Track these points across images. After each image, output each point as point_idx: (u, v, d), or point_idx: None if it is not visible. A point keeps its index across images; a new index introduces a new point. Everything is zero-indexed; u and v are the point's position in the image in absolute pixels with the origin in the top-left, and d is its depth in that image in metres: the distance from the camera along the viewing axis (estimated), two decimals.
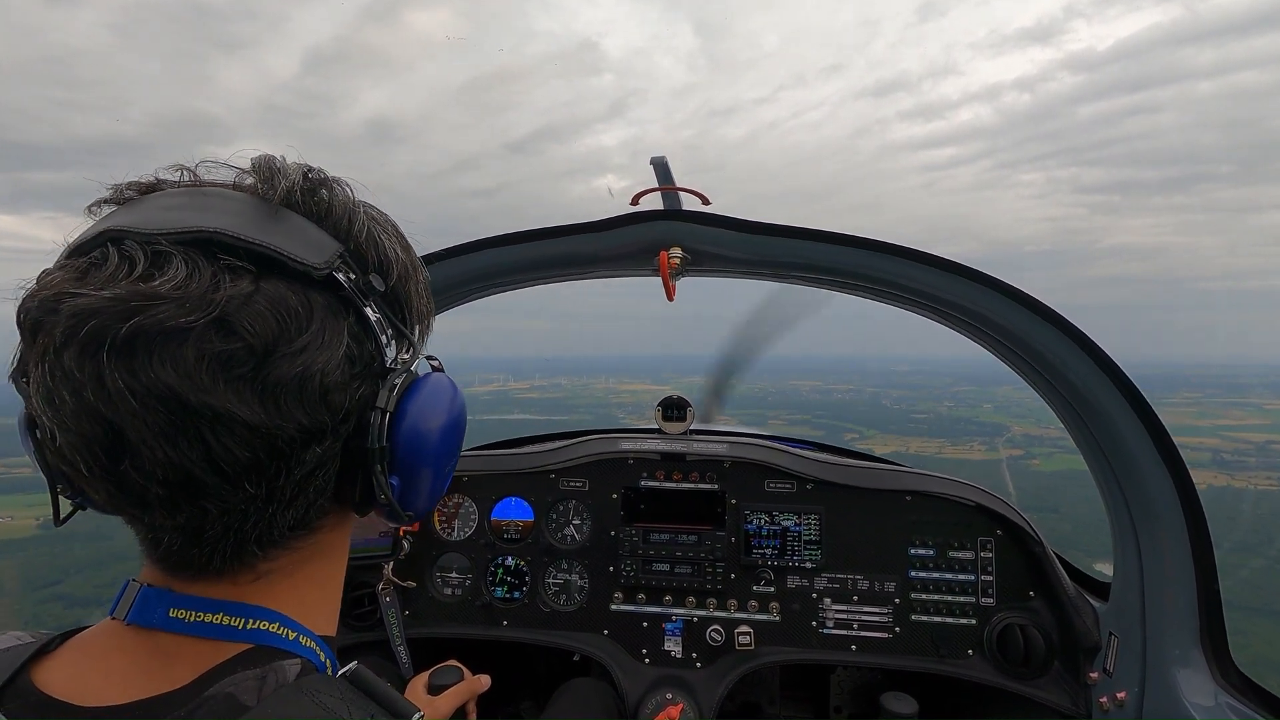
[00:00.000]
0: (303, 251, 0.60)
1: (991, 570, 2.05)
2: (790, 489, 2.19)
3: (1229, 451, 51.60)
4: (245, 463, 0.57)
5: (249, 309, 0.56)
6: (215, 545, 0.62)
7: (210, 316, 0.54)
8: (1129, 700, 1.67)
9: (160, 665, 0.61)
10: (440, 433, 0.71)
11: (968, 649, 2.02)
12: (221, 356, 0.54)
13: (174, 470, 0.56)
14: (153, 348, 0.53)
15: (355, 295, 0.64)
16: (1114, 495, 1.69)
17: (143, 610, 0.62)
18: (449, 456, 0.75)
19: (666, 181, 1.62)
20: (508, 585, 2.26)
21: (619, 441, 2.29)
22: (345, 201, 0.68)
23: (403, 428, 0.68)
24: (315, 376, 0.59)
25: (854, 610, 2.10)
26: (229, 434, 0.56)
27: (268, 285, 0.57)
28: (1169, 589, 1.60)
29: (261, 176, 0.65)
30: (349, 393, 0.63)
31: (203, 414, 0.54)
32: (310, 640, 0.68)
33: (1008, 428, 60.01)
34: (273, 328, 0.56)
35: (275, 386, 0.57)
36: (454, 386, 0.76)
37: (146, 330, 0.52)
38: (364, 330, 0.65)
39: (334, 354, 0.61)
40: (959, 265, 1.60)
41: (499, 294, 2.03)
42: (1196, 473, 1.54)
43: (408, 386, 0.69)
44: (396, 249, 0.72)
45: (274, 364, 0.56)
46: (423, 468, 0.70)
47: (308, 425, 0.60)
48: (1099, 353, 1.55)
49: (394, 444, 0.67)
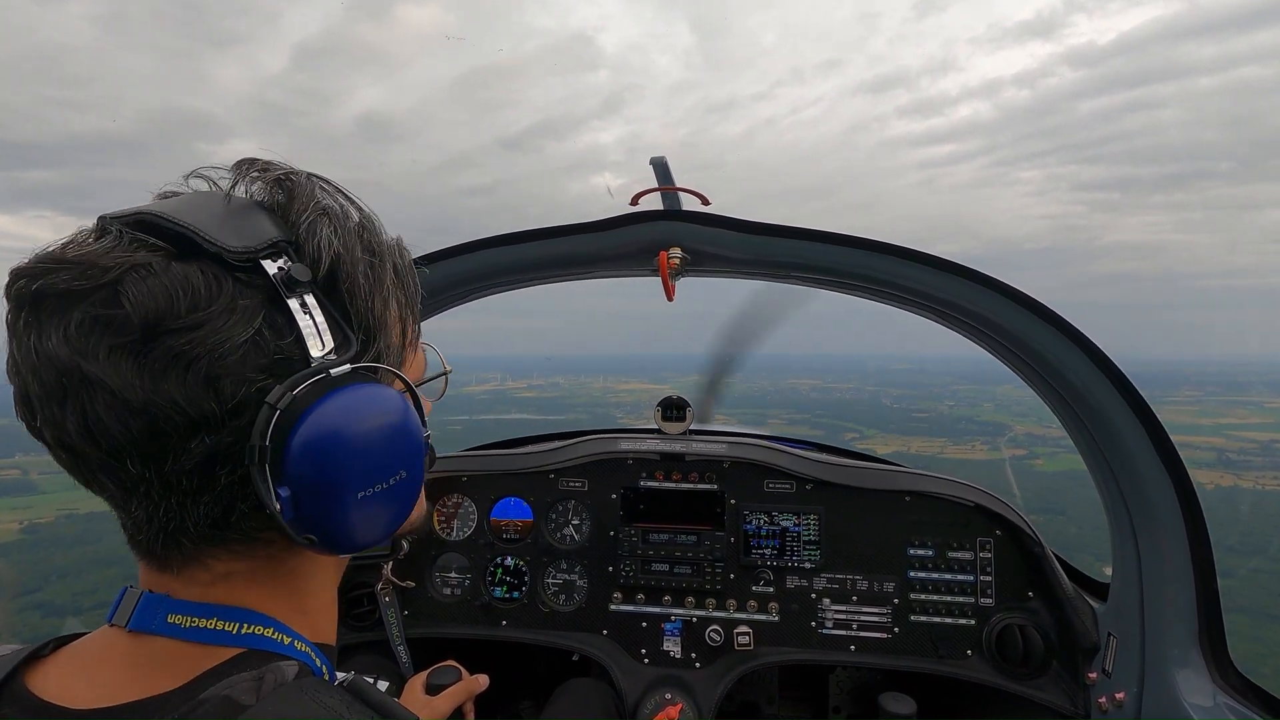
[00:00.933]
0: (224, 235, 0.59)
1: (990, 570, 2.05)
2: (789, 489, 2.19)
3: (1234, 451, 51.19)
4: (119, 437, 0.56)
5: (145, 282, 0.56)
6: (146, 529, 0.62)
7: (98, 283, 0.55)
8: (1128, 700, 1.67)
9: (155, 669, 0.61)
10: (350, 448, 0.62)
11: (966, 649, 2.02)
12: (103, 321, 0.55)
13: (64, 434, 0.57)
14: (51, 309, 0.56)
15: (278, 285, 0.61)
16: (1112, 495, 1.69)
17: (144, 616, 0.63)
18: (366, 479, 0.64)
19: (666, 181, 1.62)
20: (507, 585, 2.26)
21: (618, 441, 2.29)
22: (303, 197, 0.67)
23: (298, 432, 0.59)
24: (203, 358, 0.56)
25: (853, 610, 2.10)
26: (103, 404, 0.55)
27: (180, 265, 0.57)
28: (1168, 589, 1.60)
29: (233, 174, 0.68)
30: (247, 383, 0.58)
31: (79, 378, 0.55)
32: (305, 646, 0.68)
33: (1009, 427, 59.89)
34: (160, 302, 0.55)
35: (156, 362, 0.55)
36: (396, 404, 0.67)
37: (45, 292, 0.55)
38: (287, 323, 0.61)
39: (233, 338, 0.57)
40: (957, 265, 1.60)
41: (499, 294, 2.03)
42: (1202, 473, 1.54)
43: (325, 390, 0.61)
44: (337, 243, 0.66)
45: (159, 339, 0.55)
46: (321, 484, 0.61)
47: (186, 408, 0.56)
48: (1097, 352, 1.55)
49: (284, 448, 0.59)
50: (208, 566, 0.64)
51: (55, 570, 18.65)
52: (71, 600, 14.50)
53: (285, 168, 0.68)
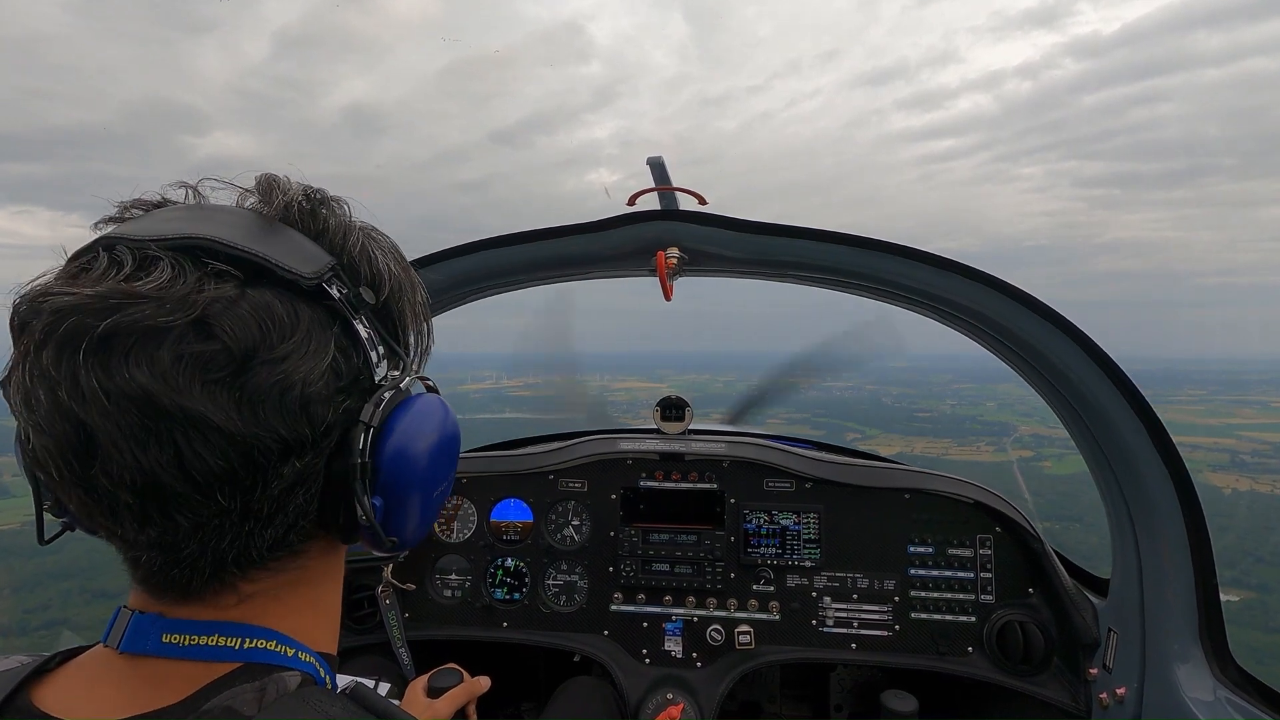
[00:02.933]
0: (293, 261, 0.60)
1: (991, 567, 2.05)
2: (789, 488, 2.19)
3: (1247, 453, 49.43)
4: (218, 471, 0.55)
5: (231, 312, 0.55)
6: (193, 565, 0.60)
7: (190, 317, 0.53)
8: (1128, 696, 1.67)
9: (154, 686, 0.60)
10: (429, 454, 0.68)
11: (967, 646, 2.02)
12: (199, 358, 0.53)
13: (144, 476, 0.54)
14: (129, 347, 0.52)
15: (345, 308, 0.63)
16: (1112, 491, 1.70)
17: (135, 638, 0.61)
18: (437, 481, 0.71)
19: (663, 181, 1.63)
20: (507, 586, 2.26)
21: (618, 442, 2.29)
22: (342, 219, 0.69)
23: (387, 445, 0.64)
24: (296, 386, 0.57)
25: (854, 609, 2.10)
26: (202, 440, 0.54)
27: (254, 293, 0.57)
28: (1168, 585, 1.60)
29: (261, 193, 0.67)
30: (332, 406, 0.61)
31: (175, 417, 0.53)
32: (310, 656, 0.68)
33: (1014, 427, 59.48)
34: (254, 333, 0.55)
35: (253, 393, 0.55)
36: (446, 408, 0.73)
37: (124, 328, 0.52)
38: (352, 344, 0.64)
39: (318, 365, 0.59)
40: (956, 263, 1.61)
41: (498, 295, 2.03)
42: (1217, 476, 1.53)
43: (396, 404, 0.66)
44: (391, 266, 0.70)
45: (253, 370, 0.55)
46: (408, 490, 0.66)
47: (286, 436, 0.57)
48: (1097, 350, 1.55)
49: (377, 462, 0.64)
50: (237, 589, 0.64)
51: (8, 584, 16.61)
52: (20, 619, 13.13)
53: (307, 187, 0.69)
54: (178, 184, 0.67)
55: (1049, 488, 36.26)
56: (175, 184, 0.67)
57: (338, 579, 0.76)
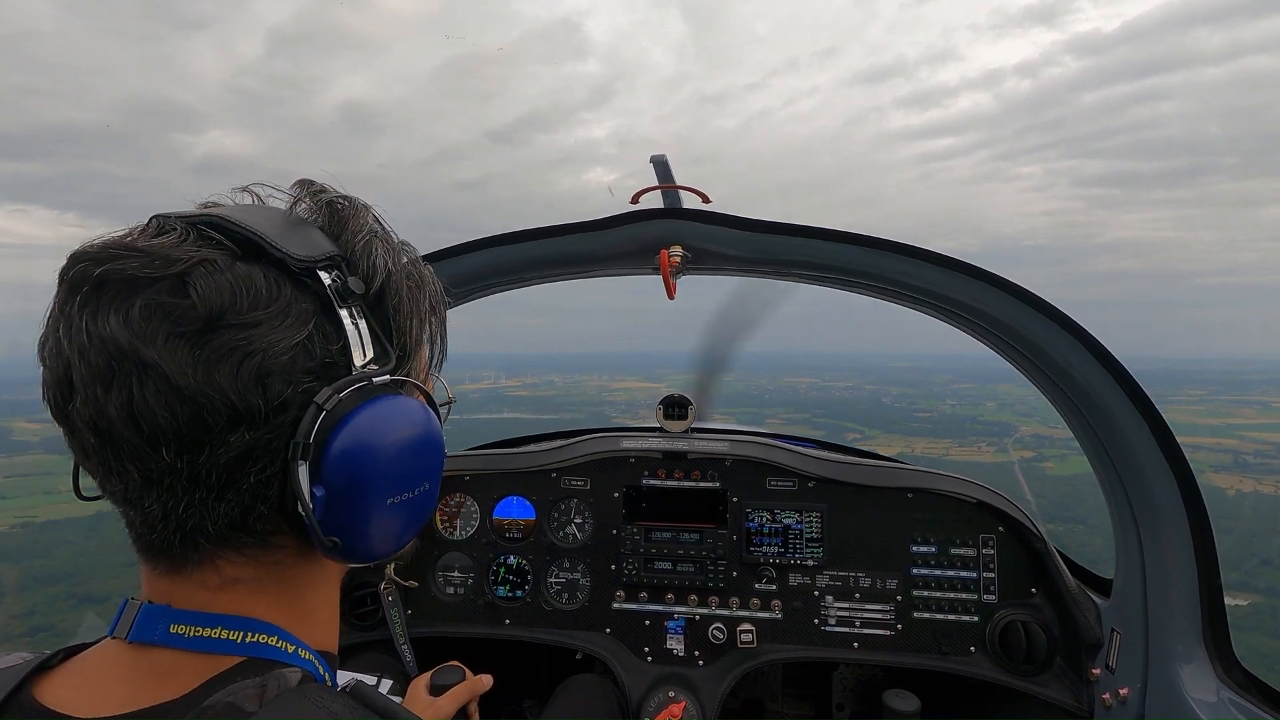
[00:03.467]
0: (288, 244, 0.62)
1: (993, 567, 2.05)
2: (792, 487, 2.19)
3: (1250, 454, 49.36)
4: (164, 425, 0.57)
5: (211, 276, 0.58)
6: (162, 527, 0.61)
7: (170, 272, 0.57)
8: (1131, 696, 1.67)
9: (159, 680, 0.61)
10: (387, 454, 0.65)
11: (970, 646, 2.02)
12: (167, 310, 0.56)
13: (101, 418, 0.57)
14: (114, 293, 0.57)
15: (333, 295, 0.64)
16: (1115, 490, 1.69)
17: (143, 627, 0.63)
18: (396, 486, 0.67)
19: (666, 180, 1.63)
20: (510, 584, 2.27)
21: (620, 440, 2.29)
22: (361, 221, 0.71)
23: (340, 433, 0.62)
24: (257, 355, 0.58)
25: (856, 608, 2.10)
26: (154, 389, 0.56)
27: (244, 265, 0.60)
28: (1171, 584, 1.60)
29: (295, 191, 0.72)
30: (294, 383, 0.60)
31: (133, 362, 0.56)
32: (309, 654, 0.68)
33: (1015, 427, 59.27)
34: (225, 296, 0.58)
35: (213, 353, 0.57)
36: (427, 417, 0.71)
37: (112, 276, 0.57)
38: (335, 330, 0.64)
39: (286, 339, 0.60)
40: (960, 262, 1.61)
41: (498, 293, 2.03)
42: (1220, 477, 1.52)
43: (366, 398, 0.64)
44: (390, 264, 0.71)
45: (219, 331, 0.57)
46: (355, 487, 0.63)
47: (235, 402, 0.58)
48: (1099, 347, 1.55)
49: (325, 449, 0.61)
50: (218, 569, 0.64)
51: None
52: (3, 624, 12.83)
53: (338, 192, 0.73)
54: (242, 189, 0.72)
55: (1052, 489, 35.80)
56: (239, 188, 0.72)
57: (330, 584, 0.76)
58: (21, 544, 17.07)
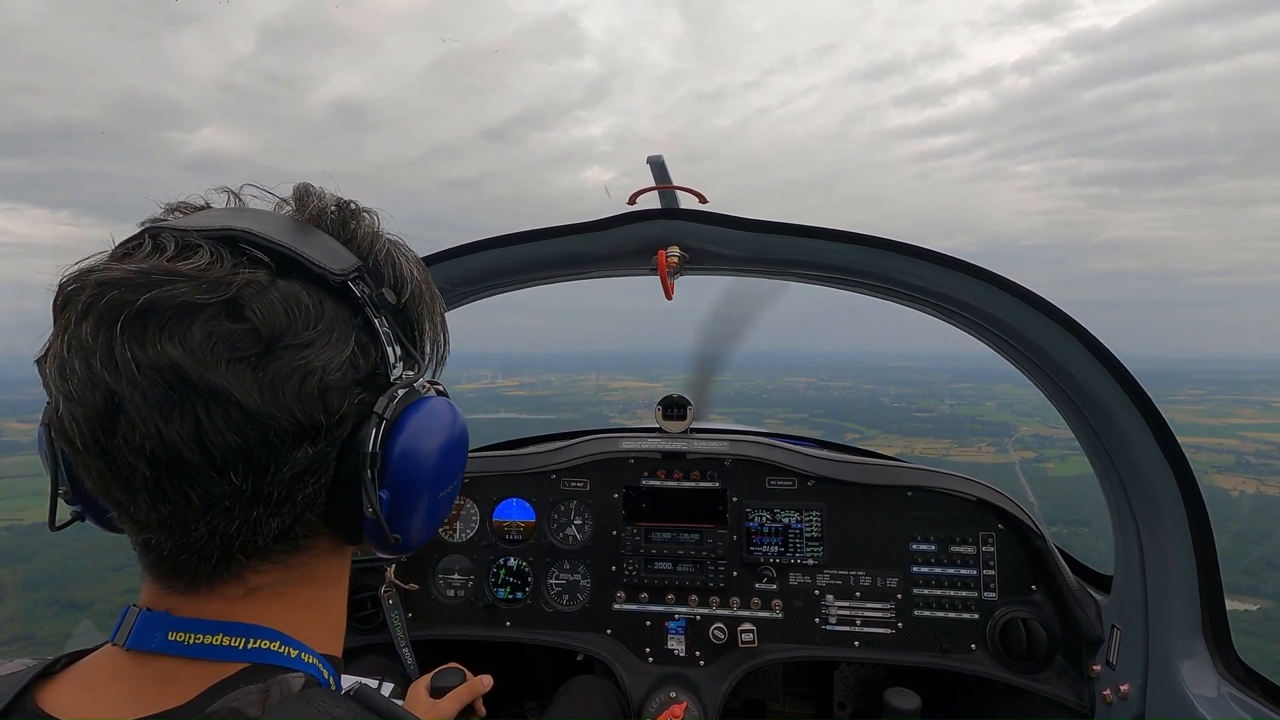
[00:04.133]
0: (322, 258, 0.63)
1: (993, 564, 2.05)
2: (791, 486, 2.20)
3: (1252, 454, 48.23)
4: (234, 448, 0.57)
5: (262, 297, 0.58)
6: (201, 549, 0.61)
7: (224, 297, 0.56)
8: (1132, 692, 1.67)
9: (160, 687, 0.61)
10: (437, 453, 0.70)
11: (971, 643, 2.02)
12: (228, 336, 0.56)
13: (163, 447, 0.56)
14: (165, 321, 0.55)
15: (367, 305, 0.66)
16: (1115, 487, 1.70)
17: (142, 635, 0.62)
18: (443, 481, 0.73)
19: (664, 180, 1.63)
20: (510, 586, 2.26)
21: (620, 441, 2.30)
22: (370, 227, 0.73)
23: (398, 440, 0.66)
24: (316, 373, 0.60)
25: (856, 606, 2.10)
26: (223, 414, 0.56)
27: (284, 283, 0.60)
28: (1171, 580, 1.60)
29: (296, 199, 0.71)
30: (348, 397, 0.63)
31: (200, 390, 0.55)
32: (313, 658, 0.68)
33: (1015, 427, 59.04)
34: (281, 318, 0.58)
35: (276, 375, 0.58)
36: (455, 412, 0.76)
37: (161, 303, 0.55)
38: (372, 341, 0.66)
39: (338, 355, 0.62)
40: (959, 260, 1.61)
41: (498, 295, 2.03)
42: (1223, 478, 1.51)
43: (410, 402, 0.69)
44: (414, 272, 0.74)
45: (278, 353, 0.58)
46: (415, 486, 0.68)
47: (301, 420, 0.60)
48: (1098, 345, 1.55)
49: (386, 455, 0.66)
50: (244, 580, 0.64)
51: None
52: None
53: (339, 197, 0.73)
54: (221, 189, 0.71)
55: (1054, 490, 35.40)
56: (219, 189, 0.71)
57: (342, 583, 0.77)
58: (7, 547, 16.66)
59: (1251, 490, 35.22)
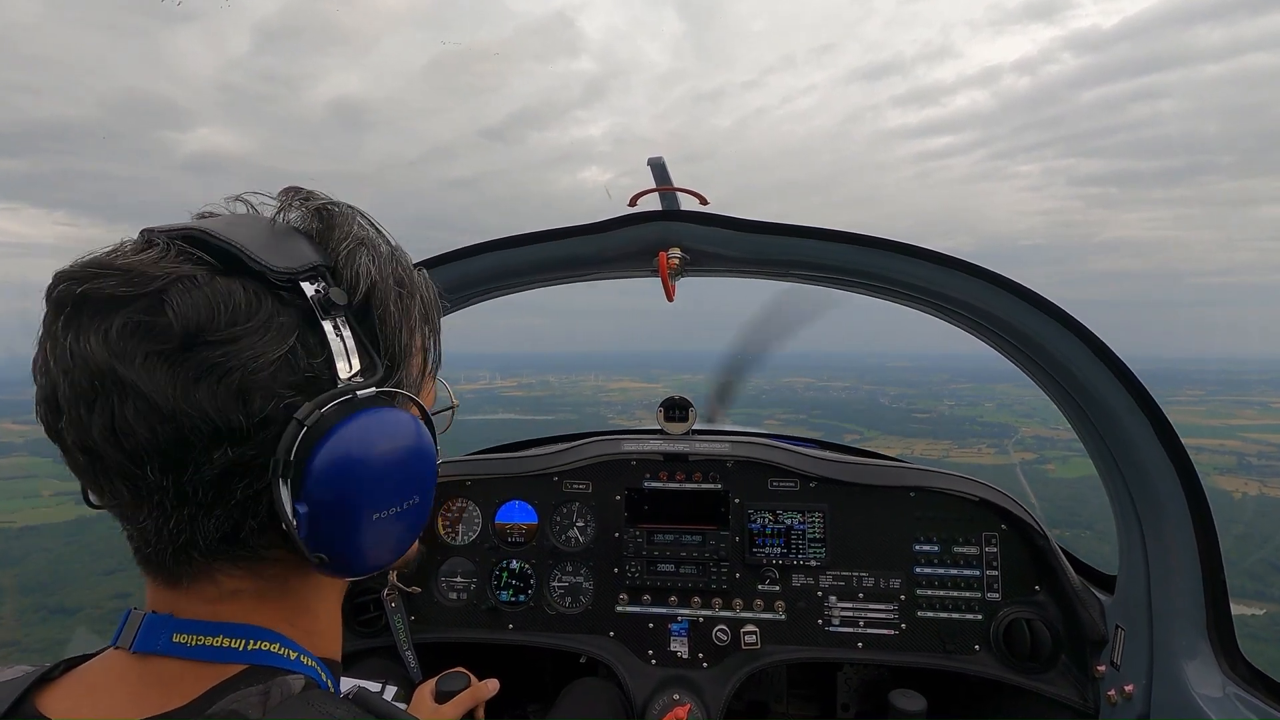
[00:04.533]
0: (268, 256, 0.61)
1: (996, 565, 2.05)
2: (794, 487, 2.19)
3: (1254, 455, 47.76)
4: (146, 444, 0.57)
5: (189, 292, 0.57)
6: (157, 543, 0.61)
7: (146, 290, 0.56)
8: (1137, 693, 1.67)
9: (162, 689, 0.61)
10: (371, 469, 0.63)
11: (974, 644, 2.02)
12: (144, 328, 0.56)
13: (87, 437, 0.57)
14: (94, 312, 0.57)
15: (315, 307, 0.62)
16: (1118, 487, 1.69)
17: (147, 637, 0.63)
18: (381, 501, 0.65)
19: (664, 182, 1.63)
20: (513, 588, 2.26)
21: (621, 443, 2.29)
22: (347, 228, 0.70)
23: (321, 449, 0.60)
24: (236, 371, 0.58)
25: (860, 608, 2.10)
26: (134, 409, 0.56)
27: (223, 280, 0.59)
28: (1175, 580, 1.60)
29: (279, 201, 0.71)
30: (275, 399, 0.59)
31: (113, 382, 0.56)
32: (311, 661, 0.69)
33: (1015, 428, 58.77)
34: (203, 313, 0.57)
35: (192, 370, 0.57)
36: (418, 430, 0.69)
37: (91, 296, 0.57)
38: (319, 343, 0.63)
39: (266, 354, 0.59)
40: (959, 260, 1.61)
41: (498, 297, 2.03)
42: (1226, 479, 1.50)
43: (349, 411, 0.62)
44: (374, 270, 0.69)
45: (197, 349, 0.57)
46: (337, 502, 0.62)
47: (215, 419, 0.57)
48: (1100, 345, 1.55)
49: (307, 464, 0.60)
50: (217, 582, 0.64)
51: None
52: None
53: (326, 198, 0.72)
54: (234, 198, 0.72)
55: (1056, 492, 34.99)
56: (231, 198, 0.72)
57: (332, 588, 0.76)
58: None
59: (1254, 492, 34.90)
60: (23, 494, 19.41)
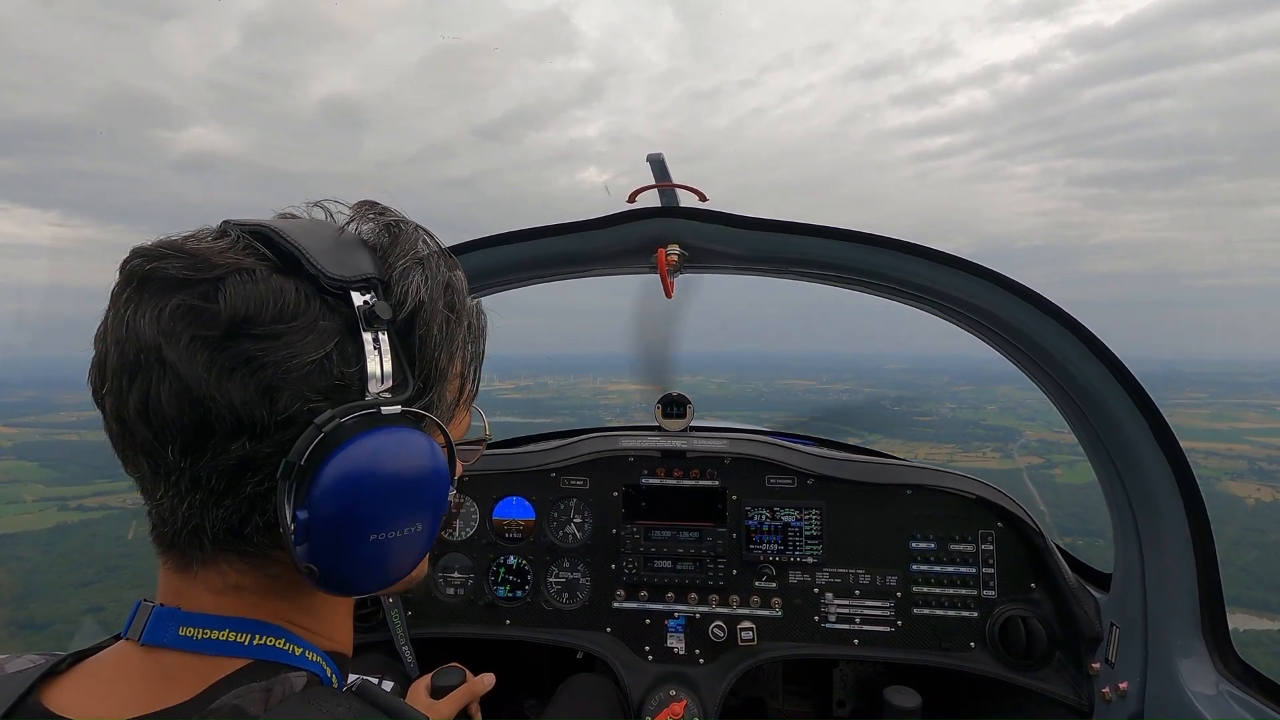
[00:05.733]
0: (325, 261, 0.63)
1: (992, 562, 2.05)
2: (791, 484, 2.20)
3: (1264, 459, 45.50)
4: (171, 423, 0.58)
5: (243, 284, 0.59)
6: (170, 522, 0.63)
7: (205, 276, 0.58)
8: (1131, 690, 1.67)
9: (167, 682, 0.62)
10: (377, 488, 0.62)
11: (970, 641, 2.02)
12: (195, 312, 0.58)
13: (122, 407, 0.59)
14: (156, 290, 0.59)
15: (360, 316, 0.63)
16: (1114, 486, 1.70)
17: (155, 629, 0.64)
18: (380, 523, 0.64)
19: (663, 178, 1.63)
20: (510, 584, 2.27)
21: (619, 439, 2.30)
22: (406, 244, 0.72)
23: (332, 459, 0.59)
24: (270, 367, 0.58)
25: (856, 604, 2.10)
26: (168, 387, 0.58)
27: (279, 278, 0.61)
28: (1170, 579, 1.60)
29: (354, 210, 0.74)
30: (302, 400, 0.60)
31: (156, 358, 0.57)
32: (317, 655, 0.69)
33: (1020, 432, 58.09)
34: (251, 305, 0.59)
35: (229, 359, 0.58)
36: (434, 455, 0.67)
37: (156, 275, 0.59)
38: (357, 353, 0.63)
39: (305, 355, 0.60)
40: (960, 259, 1.61)
41: (496, 294, 2.03)
42: (1238, 485, 1.49)
43: (369, 425, 0.62)
44: (424, 291, 0.69)
45: (240, 339, 0.58)
46: (338, 517, 0.61)
47: (239, 411, 0.58)
48: (1098, 344, 1.56)
49: (316, 471, 0.59)
50: (222, 573, 0.65)
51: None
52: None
53: (399, 215, 0.74)
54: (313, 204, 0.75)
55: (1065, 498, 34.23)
56: (310, 203, 0.75)
57: (340, 600, 0.76)
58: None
59: (1268, 498, 34.04)
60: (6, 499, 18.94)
